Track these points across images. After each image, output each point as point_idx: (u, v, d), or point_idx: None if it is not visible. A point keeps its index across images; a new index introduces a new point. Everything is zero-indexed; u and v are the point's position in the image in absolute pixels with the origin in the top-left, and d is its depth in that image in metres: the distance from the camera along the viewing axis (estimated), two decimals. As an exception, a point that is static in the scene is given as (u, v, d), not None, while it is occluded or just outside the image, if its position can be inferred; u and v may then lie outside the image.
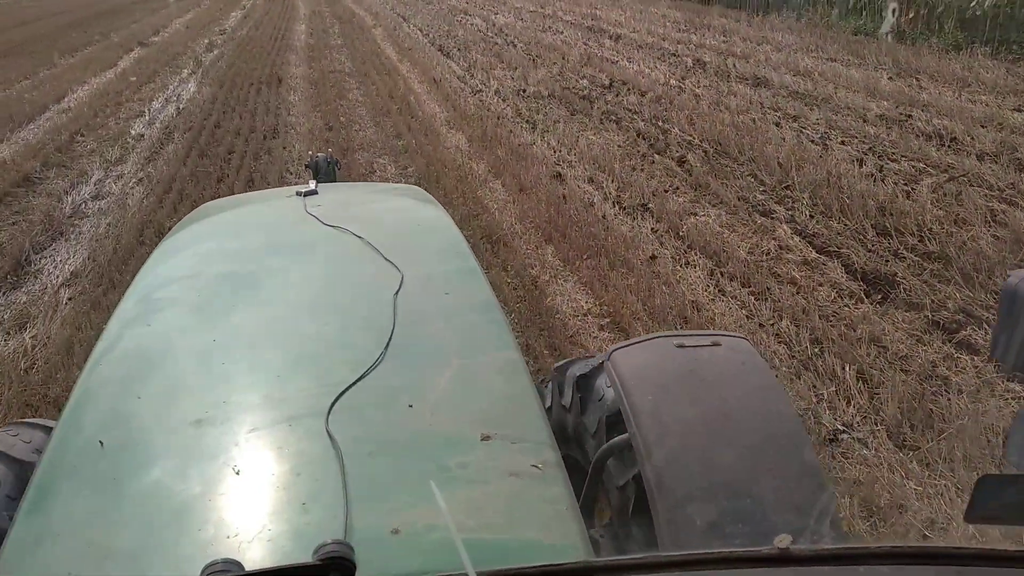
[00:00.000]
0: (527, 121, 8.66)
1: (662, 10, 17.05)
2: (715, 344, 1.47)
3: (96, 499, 1.13)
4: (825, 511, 1.21)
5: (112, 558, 1.02)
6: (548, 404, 1.76)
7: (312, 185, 2.24)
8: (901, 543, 0.70)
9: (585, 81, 10.42)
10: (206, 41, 15.59)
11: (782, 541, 0.67)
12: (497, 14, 17.80)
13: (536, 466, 1.16)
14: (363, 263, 1.73)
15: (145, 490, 1.13)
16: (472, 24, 16.46)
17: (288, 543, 1.01)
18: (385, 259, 1.70)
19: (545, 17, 17.23)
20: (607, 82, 10.22)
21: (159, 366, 1.44)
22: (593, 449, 1.55)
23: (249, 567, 0.69)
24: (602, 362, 1.57)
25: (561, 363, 1.79)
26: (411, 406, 1.26)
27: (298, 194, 2.19)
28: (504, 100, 9.57)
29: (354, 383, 1.29)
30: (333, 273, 1.78)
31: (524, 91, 9.96)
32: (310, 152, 3.56)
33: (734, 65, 10.60)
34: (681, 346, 1.45)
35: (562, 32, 14.84)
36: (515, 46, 13.31)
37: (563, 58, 11.94)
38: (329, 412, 1.22)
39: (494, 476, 1.15)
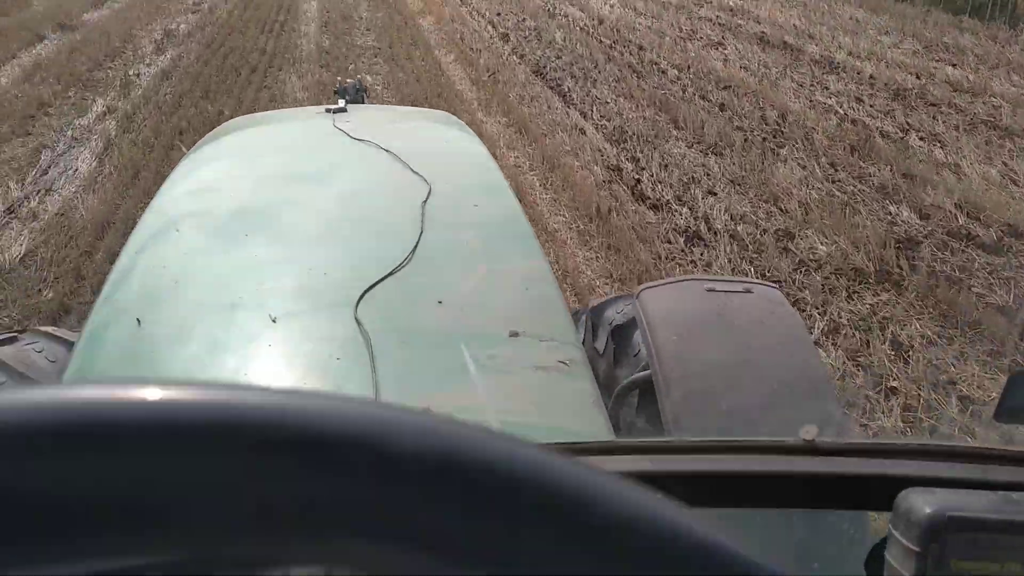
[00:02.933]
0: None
1: (851, 10, 11.49)
2: (747, 291, 1.44)
3: (132, 372, 1.10)
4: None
5: None
6: (581, 340, 1.60)
7: (341, 103, 2.17)
8: (928, 440, 0.76)
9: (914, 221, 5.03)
10: (161, 27, 10.09)
11: (808, 432, 0.68)
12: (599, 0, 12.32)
13: (563, 362, 1.17)
14: (392, 174, 1.71)
15: (181, 365, 1.14)
16: (568, 17, 10.94)
17: None
18: (413, 171, 1.68)
19: (669, 8, 11.69)
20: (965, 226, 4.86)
21: (193, 257, 1.43)
22: (604, 369, 1.56)
23: None
24: (619, 297, 1.64)
25: (597, 303, 1.72)
26: (440, 302, 1.27)
27: (327, 111, 2.13)
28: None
29: (383, 278, 1.29)
30: (362, 182, 1.75)
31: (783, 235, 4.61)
32: (339, 78, 3.34)
33: None
34: (711, 290, 1.43)
35: (722, 44, 9.36)
36: (661, 70, 7.90)
37: (780, 120, 6.52)
38: (358, 302, 1.22)
39: (522, 369, 1.16)
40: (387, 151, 1.79)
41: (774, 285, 1.58)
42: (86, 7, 11.55)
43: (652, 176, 5.31)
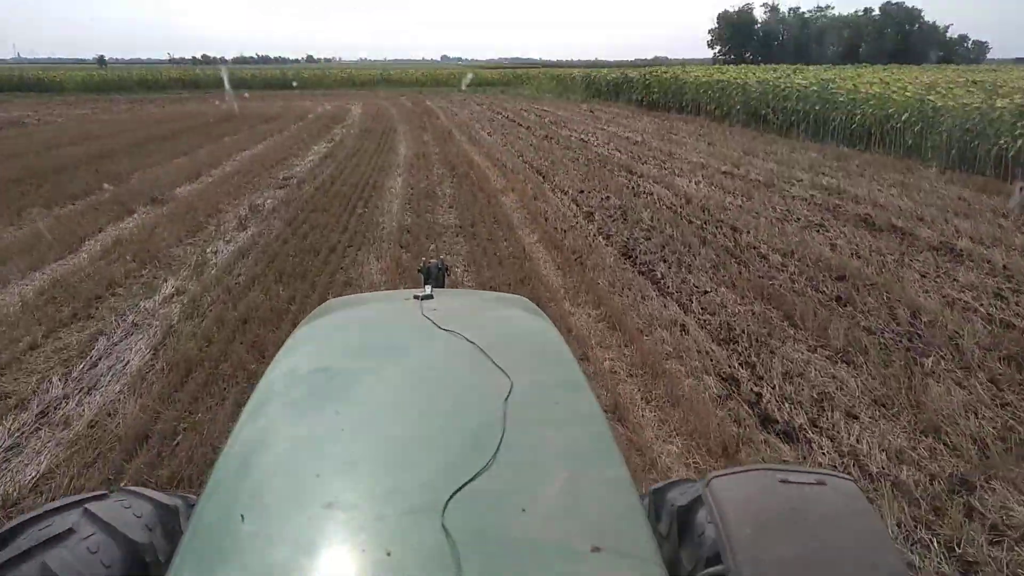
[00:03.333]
0: None
1: (957, 190, 10.82)
2: (820, 483, 1.41)
3: (234, 571, 1.17)
4: None
5: None
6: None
7: (428, 290, 2.30)
8: None
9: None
10: (248, 202, 10.22)
11: None
12: (676, 175, 12.06)
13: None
14: (475, 367, 1.75)
15: (280, 566, 1.17)
16: (654, 195, 10.61)
17: None
18: (495, 365, 1.73)
19: (759, 187, 11.29)
20: None
21: (290, 452, 1.48)
22: None
23: None
24: (696, 491, 1.58)
25: (660, 485, 1.73)
26: (524, 510, 1.27)
27: (415, 297, 2.23)
28: None
29: (469, 480, 1.30)
30: (448, 374, 1.79)
31: None
32: (423, 259, 3.61)
33: None
34: (785, 481, 1.41)
35: (823, 226, 8.73)
36: (761, 255, 7.25)
37: (914, 320, 5.66)
38: (446, 507, 1.24)
39: None
40: (471, 342, 1.85)
41: (849, 477, 1.53)
42: (181, 180, 11.96)
43: (775, 389, 4.48)
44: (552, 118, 23.53)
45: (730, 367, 4.83)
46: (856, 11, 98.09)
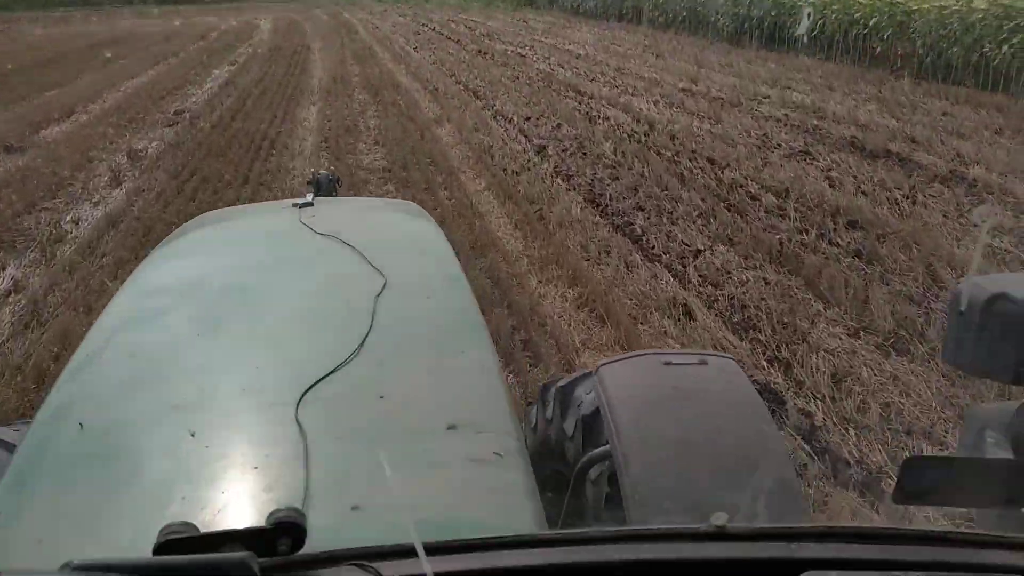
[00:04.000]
0: None
1: (938, 103, 9.79)
2: (702, 363, 1.47)
3: (71, 474, 1.17)
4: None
5: (79, 526, 1.06)
6: (534, 424, 1.82)
7: (309, 198, 2.20)
8: (835, 523, 0.79)
9: None
10: (127, 147, 8.39)
11: (718, 519, 0.70)
12: (631, 94, 10.66)
13: (498, 453, 1.18)
14: (349, 269, 1.74)
15: (117, 465, 1.17)
16: (612, 122, 9.25)
17: (246, 512, 1.05)
18: (371, 265, 1.72)
19: (724, 106, 10.04)
20: None
21: (143, 359, 1.46)
22: (572, 453, 1.57)
23: (204, 531, 0.67)
24: (583, 375, 1.65)
25: (564, 382, 1.72)
26: (381, 398, 1.30)
27: (295, 206, 2.15)
28: None
29: (326, 376, 1.31)
30: (320, 278, 1.79)
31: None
32: (312, 169, 3.09)
33: None
34: (668, 364, 1.46)
35: (808, 153, 7.58)
36: (752, 196, 6.07)
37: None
38: (299, 401, 1.23)
39: (456, 462, 1.18)
40: (348, 245, 1.82)
41: (731, 357, 1.57)
42: (48, 120, 9.96)
43: (827, 404, 3.35)
44: (484, 30, 21.58)
45: (760, 370, 3.67)
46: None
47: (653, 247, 5.24)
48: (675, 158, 7.52)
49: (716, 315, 4.26)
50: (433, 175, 7.12)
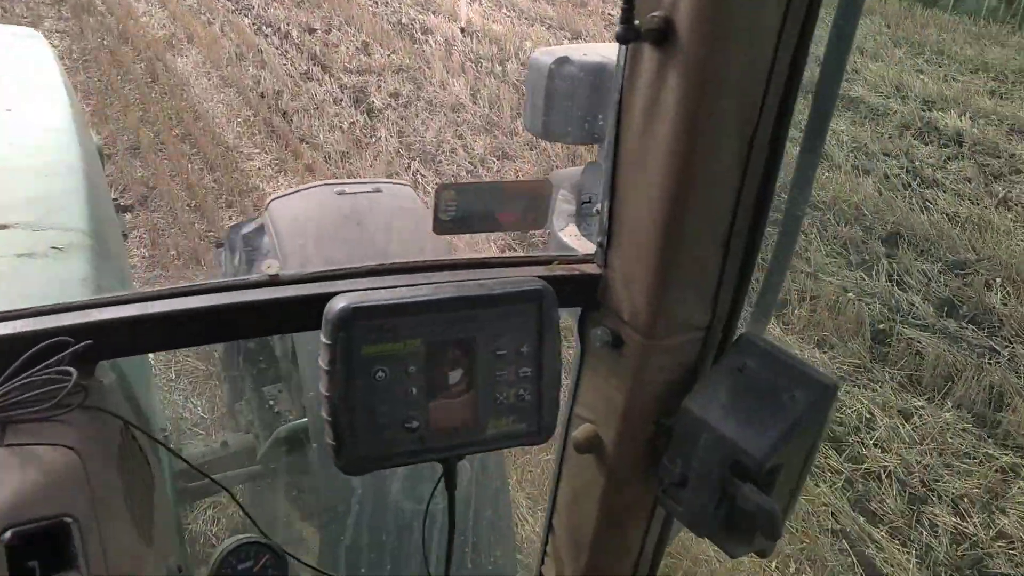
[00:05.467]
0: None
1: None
2: (376, 190, 1.49)
3: None
4: None
5: None
6: (223, 268, 1.82)
7: None
8: (381, 263, 0.86)
9: None
10: None
11: (271, 268, 0.83)
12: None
13: (56, 247, 1.18)
14: None
15: None
16: (438, 35, 6.51)
17: None
18: None
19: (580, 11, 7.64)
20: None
21: None
22: None
23: None
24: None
25: (235, 223, 1.75)
26: None
27: None
28: None
29: None
30: None
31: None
32: None
33: None
34: (342, 193, 1.47)
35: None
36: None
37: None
38: None
39: (10, 258, 1.17)
40: None
41: (406, 183, 1.61)
42: None
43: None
44: None
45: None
46: None
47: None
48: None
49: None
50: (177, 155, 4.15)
